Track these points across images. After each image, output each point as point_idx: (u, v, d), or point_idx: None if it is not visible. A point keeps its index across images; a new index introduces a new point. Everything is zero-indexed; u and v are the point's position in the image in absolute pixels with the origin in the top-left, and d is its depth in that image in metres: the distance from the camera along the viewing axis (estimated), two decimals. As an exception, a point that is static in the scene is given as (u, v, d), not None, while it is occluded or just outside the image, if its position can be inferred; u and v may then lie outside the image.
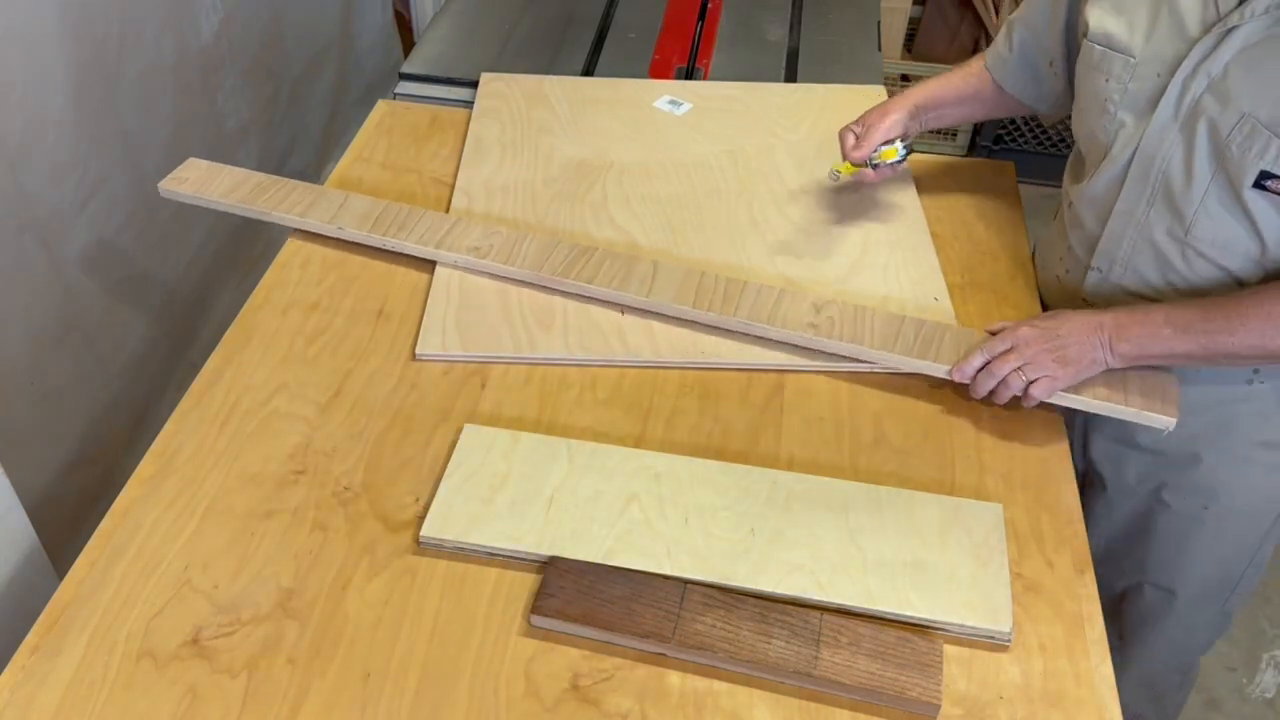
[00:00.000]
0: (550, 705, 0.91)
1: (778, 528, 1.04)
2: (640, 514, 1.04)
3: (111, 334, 1.72)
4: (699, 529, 1.03)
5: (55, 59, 1.49)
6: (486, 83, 1.74)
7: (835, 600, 0.98)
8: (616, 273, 1.30)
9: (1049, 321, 1.14)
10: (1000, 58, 1.37)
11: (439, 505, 1.05)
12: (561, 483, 1.07)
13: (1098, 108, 1.17)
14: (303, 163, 2.39)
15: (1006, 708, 0.92)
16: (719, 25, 2.02)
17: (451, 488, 1.06)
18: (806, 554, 1.01)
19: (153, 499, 1.07)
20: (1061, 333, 1.12)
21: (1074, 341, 1.12)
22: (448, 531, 1.02)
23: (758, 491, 1.07)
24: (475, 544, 1.02)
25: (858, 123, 1.38)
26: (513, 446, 1.11)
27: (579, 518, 1.04)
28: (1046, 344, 1.12)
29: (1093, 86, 1.18)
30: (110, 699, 0.91)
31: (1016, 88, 1.36)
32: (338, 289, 1.33)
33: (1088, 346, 1.11)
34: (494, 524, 1.03)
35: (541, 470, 1.08)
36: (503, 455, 1.09)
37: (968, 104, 1.41)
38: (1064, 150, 3.16)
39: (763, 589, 0.98)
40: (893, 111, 1.36)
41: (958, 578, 1.00)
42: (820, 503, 1.06)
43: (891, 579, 0.99)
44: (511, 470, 1.08)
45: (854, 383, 1.22)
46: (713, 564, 1.00)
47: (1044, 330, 1.13)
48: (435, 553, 1.03)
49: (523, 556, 1.02)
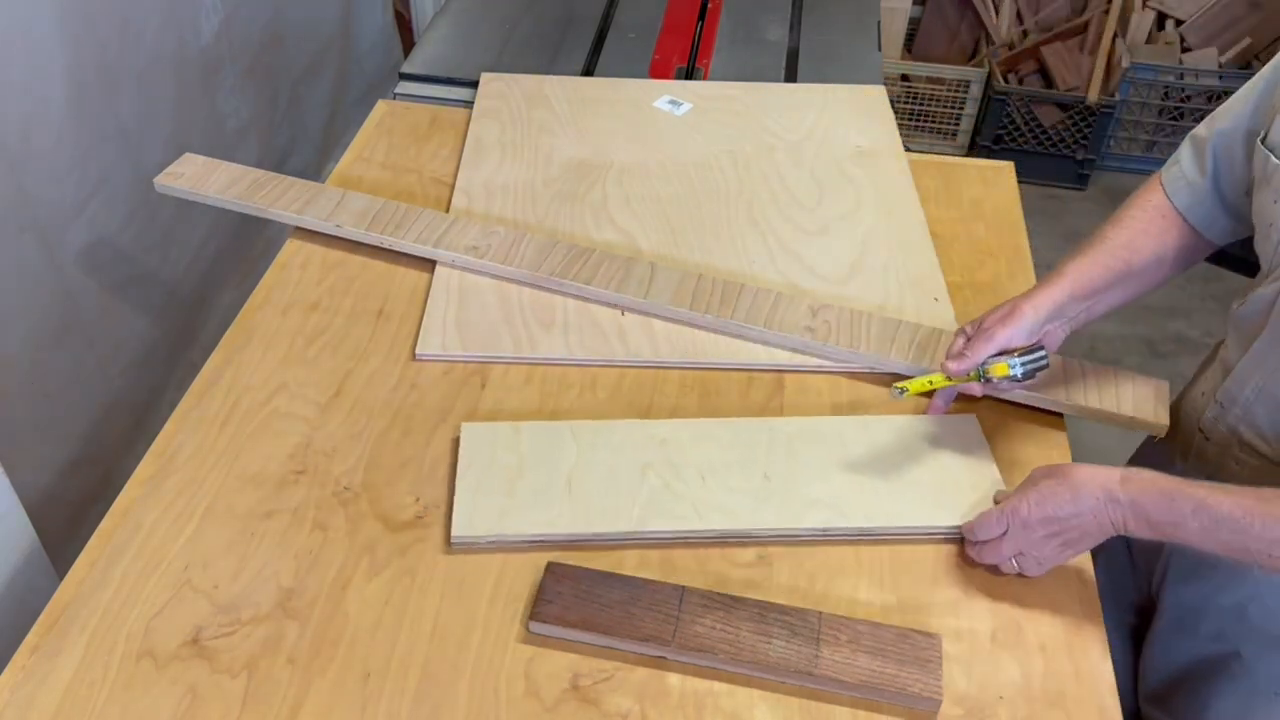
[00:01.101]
0: (550, 705, 0.91)
1: (788, 470, 1.09)
2: (658, 480, 1.08)
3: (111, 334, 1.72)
4: (716, 484, 1.07)
5: (55, 59, 1.49)
6: (486, 83, 1.74)
7: (862, 525, 1.04)
8: (614, 274, 1.31)
9: (1054, 495, 0.95)
10: (1187, 183, 1.12)
11: (461, 505, 1.05)
12: (575, 463, 1.09)
13: (1263, 228, 1.03)
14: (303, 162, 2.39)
15: (1006, 708, 0.92)
16: (719, 25, 2.02)
17: (468, 487, 1.07)
18: (822, 489, 1.07)
19: (153, 499, 1.07)
20: (1065, 515, 0.94)
21: (1080, 524, 0.94)
22: (478, 529, 1.03)
23: (758, 440, 1.12)
24: (511, 535, 1.03)
25: (974, 323, 1.10)
26: (515, 437, 1.12)
27: (601, 493, 1.06)
28: (1048, 530, 0.95)
29: (1260, 202, 1.03)
30: (110, 699, 0.91)
31: (1204, 220, 1.13)
32: (338, 289, 1.33)
33: (1096, 527, 0.94)
34: (523, 514, 1.04)
35: (552, 455, 1.10)
36: (508, 447, 1.11)
37: (1133, 278, 1.12)
38: (1064, 150, 3.16)
39: (792, 528, 1.04)
40: (1022, 314, 1.06)
41: (960, 485, 1.07)
42: (817, 440, 1.11)
43: (905, 497, 1.06)
44: (522, 460, 1.09)
45: (854, 382, 1.22)
46: (740, 514, 1.04)
47: (1046, 514, 0.95)
48: (434, 554, 1.03)
49: (559, 540, 1.03)
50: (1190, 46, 3.18)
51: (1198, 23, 3.16)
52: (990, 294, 1.35)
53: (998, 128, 3.17)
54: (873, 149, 1.59)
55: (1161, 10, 3.21)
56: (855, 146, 1.60)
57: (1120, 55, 3.12)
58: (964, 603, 0.99)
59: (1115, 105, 3.09)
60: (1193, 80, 3.11)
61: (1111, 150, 3.26)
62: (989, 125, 3.18)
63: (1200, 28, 3.16)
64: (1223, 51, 3.13)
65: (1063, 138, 3.15)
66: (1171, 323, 2.76)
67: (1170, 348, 2.69)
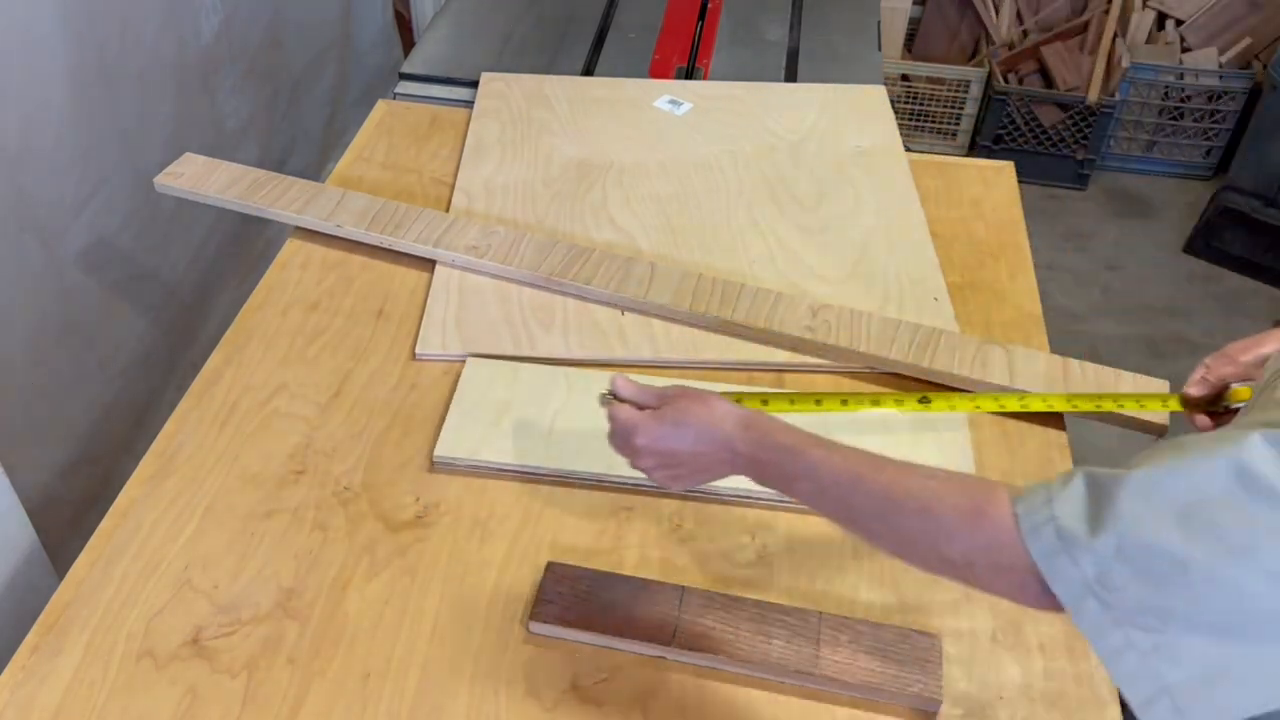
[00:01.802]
0: (550, 705, 0.91)
1: None
2: None
3: (111, 334, 1.72)
4: None
5: (55, 59, 1.49)
6: (486, 83, 1.74)
7: None
8: (614, 274, 1.31)
9: (675, 434, 0.87)
10: None
11: (449, 428, 1.12)
12: (563, 405, 1.15)
13: None
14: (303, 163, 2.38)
15: (1006, 708, 0.92)
16: (719, 25, 2.02)
17: (460, 413, 1.14)
18: None
19: (153, 499, 1.07)
20: (683, 451, 0.87)
21: (696, 464, 0.88)
22: (459, 450, 1.10)
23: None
24: (486, 461, 1.09)
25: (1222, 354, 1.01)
26: (514, 376, 1.18)
27: (582, 435, 1.11)
28: (659, 461, 0.89)
29: None
30: (110, 699, 0.91)
31: None
32: (338, 289, 1.33)
33: (715, 469, 0.88)
34: (503, 443, 1.11)
35: (543, 395, 1.16)
36: (505, 384, 1.17)
37: None
38: (1064, 150, 3.16)
39: (755, 491, 1.04)
40: (1275, 335, 0.99)
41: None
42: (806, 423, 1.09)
43: None
44: (514, 396, 1.16)
45: (854, 382, 1.22)
46: None
47: (661, 449, 0.88)
48: (434, 554, 1.03)
49: (532, 471, 1.09)
50: (1190, 46, 3.18)
51: (1198, 23, 3.16)
52: (990, 294, 1.35)
53: (998, 128, 3.17)
54: (873, 149, 1.59)
55: (1161, 10, 3.21)
56: (855, 146, 1.60)
57: (1120, 55, 3.12)
58: (964, 603, 0.99)
59: (1115, 105, 3.09)
60: (1193, 80, 3.11)
61: (1111, 150, 3.26)
62: (989, 125, 3.18)
63: (1200, 28, 3.16)
64: (1223, 51, 3.13)
65: (1063, 138, 3.14)
66: (1171, 323, 2.76)
67: (1170, 348, 2.68)
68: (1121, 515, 0.65)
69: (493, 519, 1.06)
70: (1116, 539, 0.65)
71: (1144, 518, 0.65)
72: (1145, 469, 0.67)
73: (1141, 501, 0.65)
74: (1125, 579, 0.65)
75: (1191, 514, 0.63)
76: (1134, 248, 3.01)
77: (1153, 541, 0.64)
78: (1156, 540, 0.64)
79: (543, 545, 1.04)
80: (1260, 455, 0.62)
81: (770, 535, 1.05)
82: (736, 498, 1.08)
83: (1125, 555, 0.65)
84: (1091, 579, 0.66)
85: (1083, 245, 3.00)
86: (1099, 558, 0.65)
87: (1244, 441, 0.63)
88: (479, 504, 1.07)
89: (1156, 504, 0.65)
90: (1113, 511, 0.66)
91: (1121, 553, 0.65)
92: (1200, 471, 0.64)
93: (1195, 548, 0.62)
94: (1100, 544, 0.65)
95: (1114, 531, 0.65)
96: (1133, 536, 0.65)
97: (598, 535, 1.05)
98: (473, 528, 1.05)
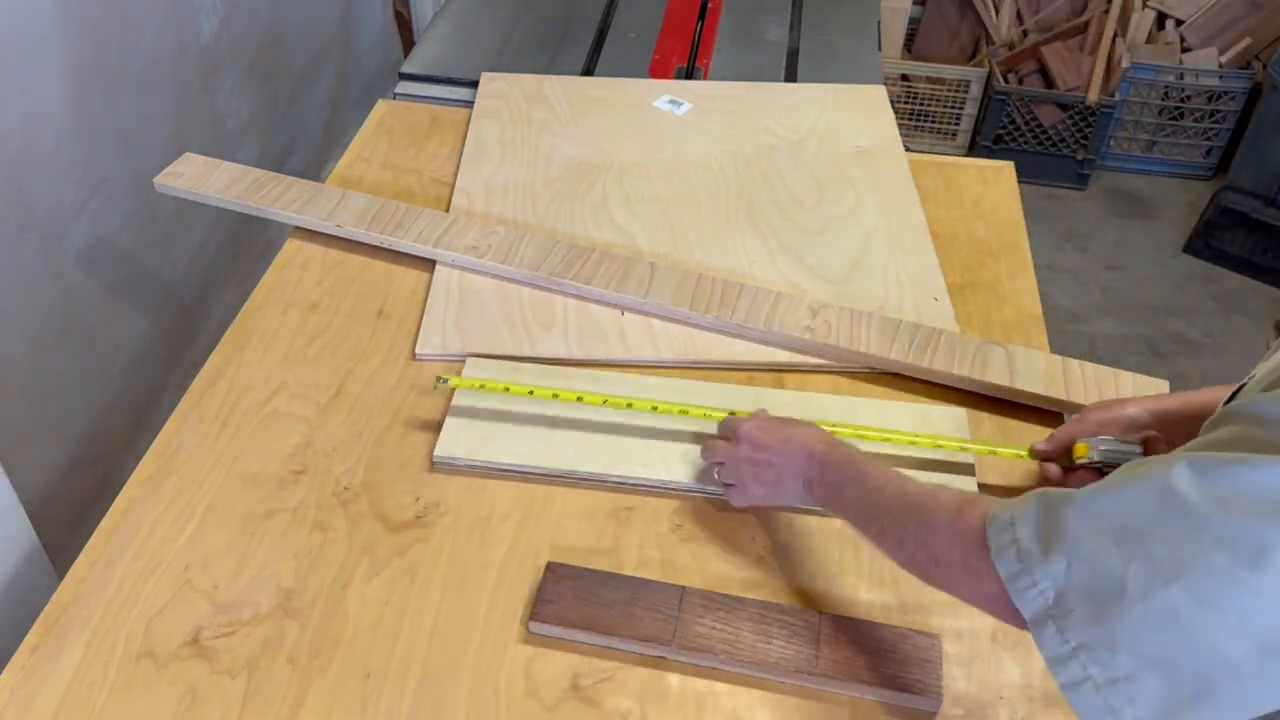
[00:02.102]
0: (550, 705, 0.91)
1: None
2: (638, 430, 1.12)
3: (111, 334, 1.72)
4: (693, 442, 1.11)
5: (55, 59, 1.49)
6: (486, 83, 1.74)
7: None
8: (614, 274, 1.31)
9: (775, 430, 0.99)
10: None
11: (449, 428, 1.13)
12: (562, 406, 1.15)
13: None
14: (303, 162, 2.38)
15: (1006, 708, 0.92)
16: (719, 25, 2.02)
17: (460, 413, 1.14)
18: None
19: (153, 499, 1.07)
20: (772, 446, 0.98)
21: (780, 465, 0.97)
22: (459, 450, 1.10)
23: (744, 404, 1.14)
24: (486, 461, 1.10)
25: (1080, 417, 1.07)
26: (514, 377, 1.18)
27: (580, 435, 1.12)
28: (751, 452, 0.99)
29: None
30: (110, 699, 0.91)
31: None
32: (338, 289, 1.33)
33: (791, 476, 0.96)
34: (502, 443, 1.11)
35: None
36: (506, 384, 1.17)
37: None
38: (1064, 150, 3.16)
39: None
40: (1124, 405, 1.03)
41: (936, 474, 1.09)
42: (800, 412, 1.11)
43: None
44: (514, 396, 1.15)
45: (854, 382, 1.22)
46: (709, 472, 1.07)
47: (757, 440, 0.99)
48: (434, 554, 1.03)
49: (531, 471, 1.09)
50: (1190, 46, 3.18)
51: (1198, 23, 3.16)
52: (990, 294, 1.35)
53: (998, 128, 3.17)
54: (873, 149, 1.59)
55: (1161, 10, 3.21)
56: (855, 146, 1.60)
57: (1120, 55, 3.12)
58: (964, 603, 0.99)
59: (1115, 105, 3.09)
60: (1193, 80, 3.11)
61: (1111, 150, 3.26)
62: (989, 125, 3.18)
63: (1200, 28, 3.16)
64: (1223, 51, 3.13)
65: (1063, 138, 3.14)
66: (1171, 323, 2.76)
67: (1170, 348, 2.68)
68: (1068, 534, 0.68)
69: (493, 519, 1.06)
70: (1066, 558, 0.67)
71: (1087, 537, 0.67)
72: (1090, 491, 0.69)
73: (1086, 522, 0.67)
74: (1076, 599, 0.67)
75: (1127, 535, 0.65)
76: (1134, 248, 3.01)
77: (1095, 560, 0.66)
78: (1098, 559, 0.66)
79: (543, 545, 1.04)
80: (1184, 480, 0.64)
81: (770, 535, 1.05)
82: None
83: (1073, 574, 0.67)
84: (1050, 601, 0.68)
85: (1083, 245, 3.00)
86: (1053, 577, 0.68)
87: (1173, 466, 0.65)
88: (479, 504, 1.08)
89: (1098, 525, 0.67)
90: (1061, 530, 0.68)
91: (1070, 571, 0.67)
92: (1133, 493, 0.66)
93: (1130, 568, 0.64)
94: (1054, 564, 0.68)
95: (1063, 551, 0.68)
96: (1078, 554, 0.67)
97: (598, 535, 1.05)
98: (473, 528, 1.05)
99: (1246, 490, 0.61)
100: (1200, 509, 0.62)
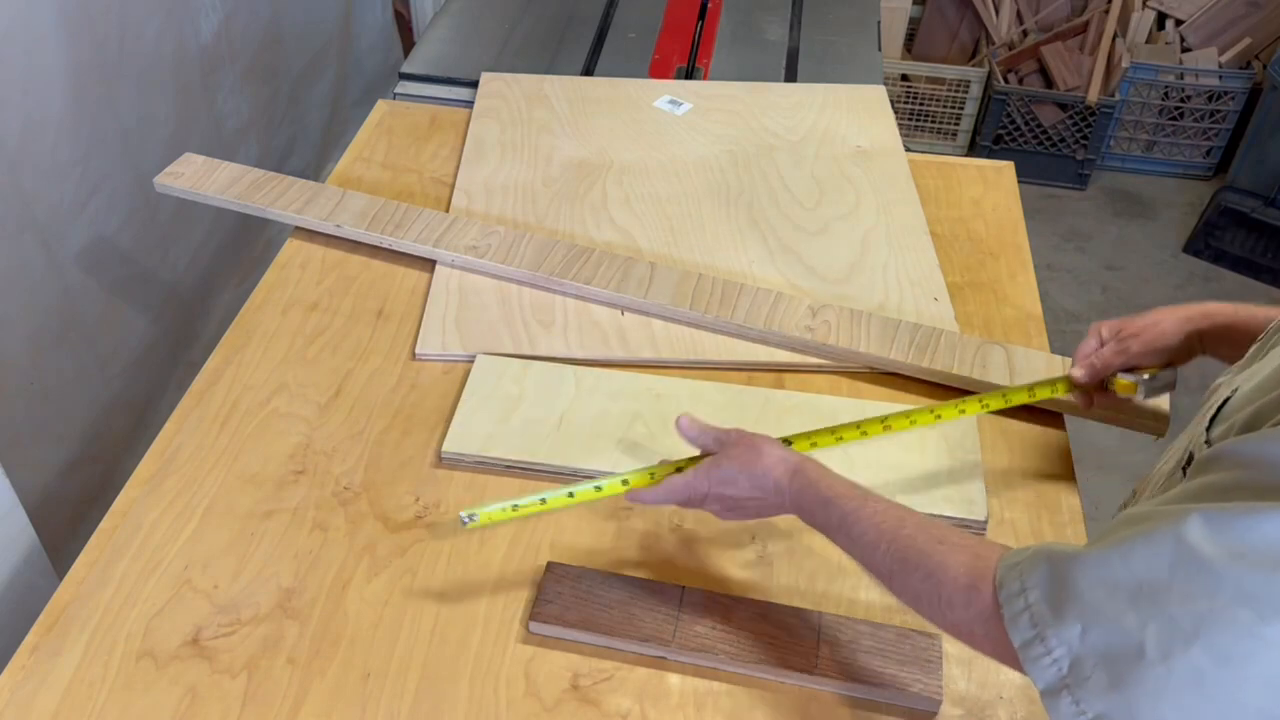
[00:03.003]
0: (550, 705, 0.91)
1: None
2: (644, 429, 1.13)
3: (111, 334, 1.72)
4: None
5: (55, 59, 1.49)
6: (486, 83, 1.74)
7: None
8: (614, 274, 1.31)
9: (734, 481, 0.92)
10: None
11: (458, 424, 1.13)
12: (570, 404, 1.15)
13: None
14: (303, 162, 2.38)
15: (1006, 708, 0.92)
16: (719, 25, 2.02)
17: (469, 409, 1.15)
18: None
19: (153, 499, 1.07)
20: (741, 496, 0.92)
21: (754, 505, 0.93)
22: (467, 447, 1.10)
23: (751, 406, 1.16)
24: (493, 457, 1.10)
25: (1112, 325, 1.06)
26: (524, 373, 1.19)
27: (588, 434, 1.12)
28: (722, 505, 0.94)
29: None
30: (110, 699, 0.91)
31: None
32: (338, 289, 1.33)
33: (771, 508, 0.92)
34: (510, 440, 1.11)
35: (551, 393, 1.17)
36: (514, 380, 1.18)
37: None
38: (1064, 150, 3.16)
39: None
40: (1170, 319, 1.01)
41: (937, 476, 1.09)
42: (809, 415, 1.14)
43: (877, 480, 1.07)
44: (524, 393, 1.16)
45: (854, 382, 1.22)
46: None
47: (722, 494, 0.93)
48: (434, 554, 1.03)
49: (537, 468, 1.09)
50: (1190, 46, 3.18)
51: (1198, 23, 3.16)
52: (990, 294, 1.35)
53: (998, 128, 3.17)
54: (873, 149, 1.59)
55: (1161, 10, 3.21)
56: (855, 146, 1.60)
57: (1120, 55, 3.12)
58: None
59: (1115, 105, 3.09)
60: (1193, 80, 3.11)
61: (1111, 150, 3.26)
62: (989, 125, 3.18)
63: (1200, 28, 3.16)
64: (1223, 51, 3.13)
65: (1063, 137, 3.14)
66: (1171, 323, 2.75)
67: (1170, 348, 2.68)
68: (1081, 596, 0.65)
69: (493, 519, 1.06)
70: (1080, 622, 0.65)
71: (1101, 599, 0.64)
72: (1098, 549, 0.66)
73: (1097, 583, 0.65)
74: (1093, 665, 0.64)
75: (1141, 594, 0.63)
76: (1134, 248, 3.01)
77: (1110, 623, 0.64)
78: (1114, 621, 0.63)
79: (543, 545, 1.04)
80: (1197, 534, 0.62)
81: (770, 535, 1.05)
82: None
83: (1088, 639, 0.64)
84: (1065, 670, 0.65)
85: (1083, 245, 3.00)
86: (1068, 642, 0.65)
87: (1184, 520, 0.62)
88: (479, 504, 1.07)
89: (1111, 584, 0.64)
90: (1073, 592, 0.66)
91: (1085, 636, 0.65)
92: (1145, 550, 0.64)
93: (1148, 629, 0.62)
94: (1067, 628, 0.65)
95: (1077, 614, 0.65)
96: (1093, 617, 0.65)
97: (598, 535, 1.05)
98: (473, 528, 1.05)
99: (1261, 543, 0.60)
100: (1216, 564, 0.60)
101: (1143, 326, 1.03)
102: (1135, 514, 0.68)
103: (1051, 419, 1.18)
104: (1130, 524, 0.66)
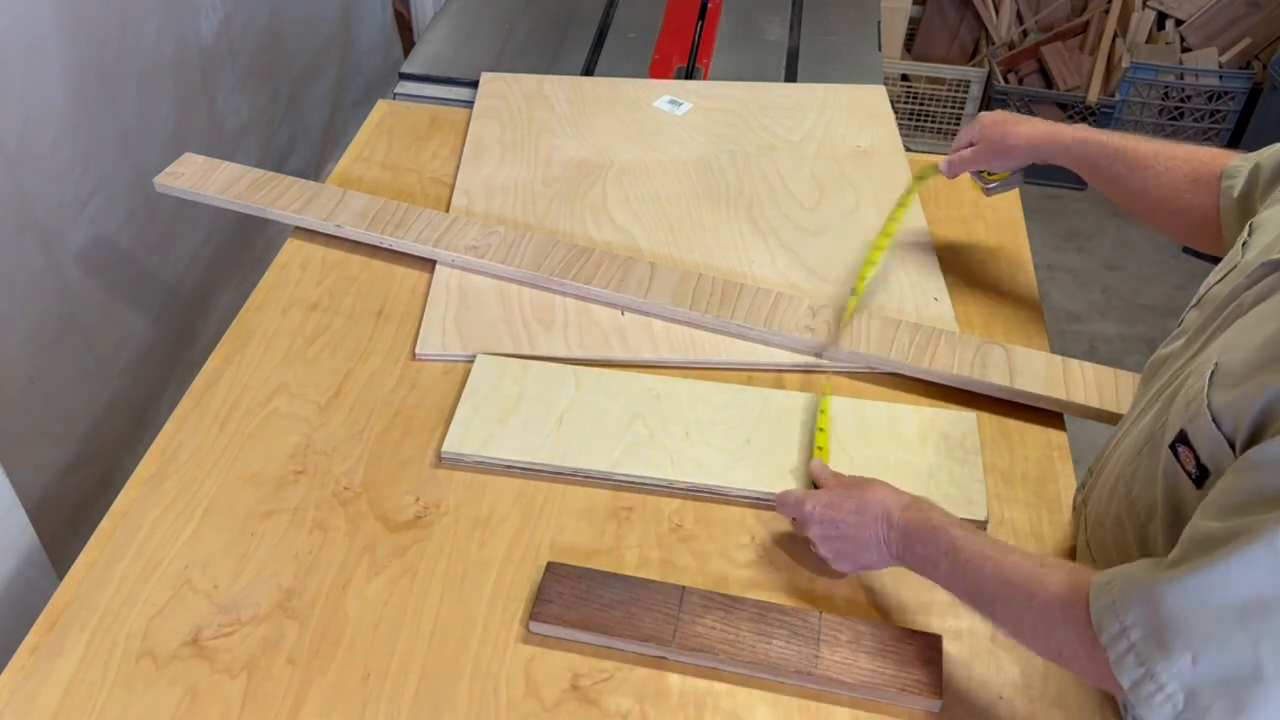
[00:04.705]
0: (550, 705, 0.91)
1: (770, 438, 1.12)
2: (644, 429, 1.13)
3: (111, 334, 1.72)
4: (699, 440, 1.12)
5: (55, 59, 1.49)
6: (486, 83, 1.74)
7: None
8: (614, 274, 1.31)
9: (841, 503, 0.95)
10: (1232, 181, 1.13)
11: (458, 424, 1.13)
12: (570, 404, 1.15)
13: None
14: (303, 162, 2.38)
15: (1006, 708, 0.92)
16: (719, 25, 2.02)
17: (469, 409, 1.15)
18: (798, 459, 1.10)
19: (153, 499, 1.07)
20: (844, 522, 0.94)
21: (857, 536, 0.94)
22: (467, 446, 1.11)
23: (752, 407, 1.16)
24: (493, 457, 1.10)
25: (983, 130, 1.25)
26: (523, 373, 1.19)
27: (588, 434, 1.12)
28: (824, 531, 0.96)
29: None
30: (110, 699, 0.91)
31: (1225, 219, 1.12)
32: (338, 289, 1.33)
33: (874, 544, 0.93)
34: (510, 440, 1.11)
35: (551, 393, 1.17)
36: (514, 380, 1.18)
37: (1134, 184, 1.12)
38: (1064, 150, 3.16)
39: (759, 490, 1.07)
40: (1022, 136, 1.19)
41: (937, 476, 1.09)
42: (810, 415, 1.13)
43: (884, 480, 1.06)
44: (523, 393, 1.17)
45: (854, 382, 1.22)
46: (714, 470, 1.09)
47: (827, 517, 0.96)
48: (434, 554, 1.03)
49: (538, 468, 1.09)
50: (1190, 46, 3.18)
51: (1198, 23, 3.16)
52: (990, 294, 1.35)
53: (998, 128, 3.16)
54: (873, 149, 1.59)
55: (1161, 10, 3.21)
56: (855, 146, 1.60)
57: (1120, 55, 3.12)
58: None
59: (1115, 105, 3.09)
60: (1193, 80, 3.11)
61: (1111, 150, 3.26)
62: (989, 125, 3.18)
63: (1200, 28, 3.16)
64: (1223, 51, 3.13)
65: (1063, 138, 3.14)
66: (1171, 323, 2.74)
67: (1170, 348, 2.68)
68: (1183, 623, 0.63)
69: (493, 519, 1.06)
70: (1190, 652, 0.63)
71: (1207, 625, 0.63)
72: (1187, 573, 0.64)
73: (1199, 608, 0.63)
74: (1211, 695, 0.62)
75: (1248, 613, 0.61)
76: (1134, 248, 3.01)
77: (1222, 647, 0.62)
78: (1225, 645, 0.62)
79: (543, 545, 1.04)
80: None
81: (770, 535, 1.05)
82: (736, 497, 1.08)
83: (1201, 668, 0.62)
84: (1181, 705, 0.63)
85: (1083, 245, 3.00)
86: (1179, 676, 0.63)
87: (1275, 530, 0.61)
88: (479, 504, 1.07)
89: (1214, 609, 0.62)
90: (1174, 622, 0.64)
91: (1197, 666, 0.63)
92: (1242, 565, 0.62)
93: (1262, 647, 0.60)
94: (1177, 661, 0.63)
95: (1184, 645, 0.63)
96: (1202, 646, 0.63)
97: (598, 535, 1.05)
98: (473, 528, 1.05)
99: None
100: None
101: (1001, 135, 1.21)
102: (1207, 531, 0.66)
103: (1052, 419, 1.18)
104: (1208, 543, 0.64)
